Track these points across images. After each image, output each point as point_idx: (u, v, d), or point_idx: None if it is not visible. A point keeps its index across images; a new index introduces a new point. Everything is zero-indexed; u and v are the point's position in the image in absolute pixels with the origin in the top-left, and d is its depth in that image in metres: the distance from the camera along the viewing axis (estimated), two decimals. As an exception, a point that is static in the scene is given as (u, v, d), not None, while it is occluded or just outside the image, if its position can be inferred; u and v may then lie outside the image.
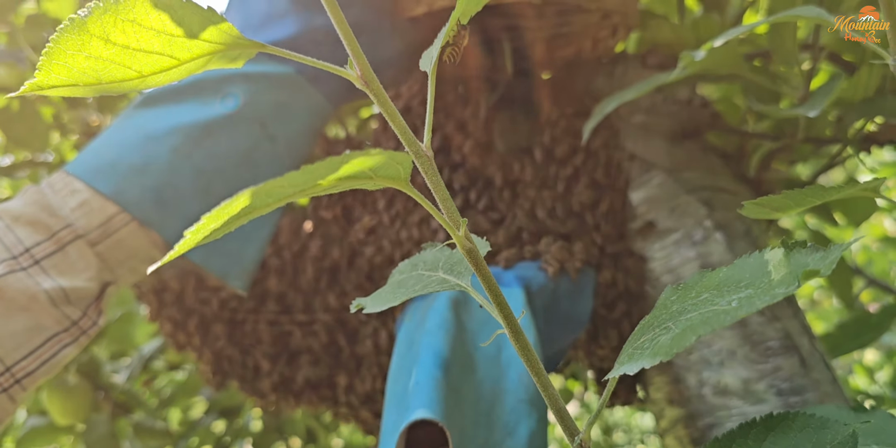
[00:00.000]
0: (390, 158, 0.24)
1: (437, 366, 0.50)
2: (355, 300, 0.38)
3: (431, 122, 0.29)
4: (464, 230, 0.29)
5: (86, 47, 0.28)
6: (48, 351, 0.53)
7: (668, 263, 0.68)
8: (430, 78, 0.31)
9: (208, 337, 0.80)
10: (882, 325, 0.79)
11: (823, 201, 0.41)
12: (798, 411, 0.36)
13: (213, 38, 0.29)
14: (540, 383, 0.31)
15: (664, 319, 0.29)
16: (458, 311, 0.57)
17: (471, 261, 0.30)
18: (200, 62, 0.31)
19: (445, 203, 0.29)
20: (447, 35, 0.32)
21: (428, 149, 0.28)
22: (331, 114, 0.64)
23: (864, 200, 0.83)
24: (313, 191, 0.24)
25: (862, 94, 0.64)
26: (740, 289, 0.26)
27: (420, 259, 0.39)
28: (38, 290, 0.52)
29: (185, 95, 0.59)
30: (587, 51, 0.76)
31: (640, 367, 0.26)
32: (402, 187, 0.27)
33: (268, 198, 0.22)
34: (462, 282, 0.33)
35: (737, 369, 0.63)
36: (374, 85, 0.29)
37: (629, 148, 0.72)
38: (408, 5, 0.64)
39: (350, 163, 0.23)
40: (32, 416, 1.02)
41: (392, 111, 0.28)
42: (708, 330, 0.24)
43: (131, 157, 0.56)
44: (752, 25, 0.49)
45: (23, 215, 0.54)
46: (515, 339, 0.31)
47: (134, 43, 0.28)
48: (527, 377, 0.53)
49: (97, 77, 0.29)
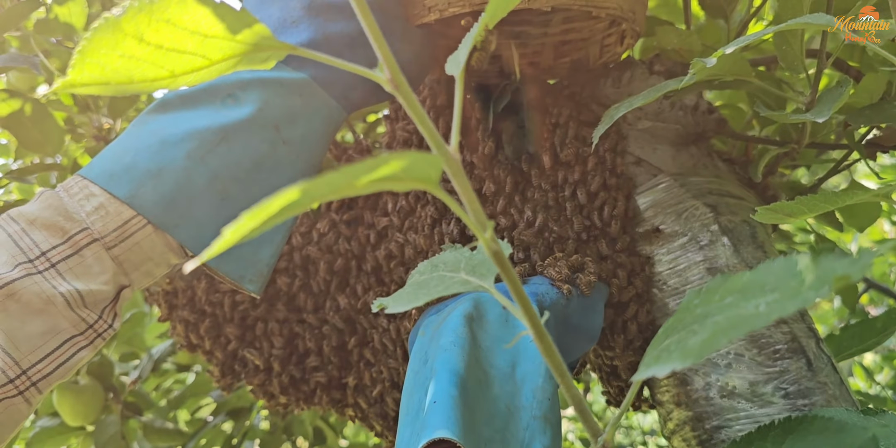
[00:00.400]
0: (422, 160, 0.25)
1: (454, 384, 0.50)
2: (376, 300, 0.38)
3: (459, 126, 0.29)
4: (490, 232, 0.29)
5: (119, 46, 0.28)
6: (64, 354, 0.53)
7: (675, 267, 0.69)
8: (458, 82, 0.31)
9: (219, 339, 0.81)
10: (887, 329, 0.79)
11: (836, 206, 0.42)
12: (815, 414, 0.37)
13: (245, 39, 0.30)
14: (564, 384, 0.31)
15: (689, 322, 0.29)
16: (473, 327, 0.57)
17: (497, 263, 0.30)
18: (231, 62, 0.31)
19: (472, 205, 0.29)
20: (475, 39, 0.33)
21: (455, 152, 0.29)
22: (344, 119, 0.65)
23: (869, 206, 0.84)
24: (349, 191, 0.24)
25: (867, 100, 0.65)
26: (766, 293, 0.26)
27: (440, 260, 0.39)
28: (54, 293, 0.52)
29: (199, 100, 0.59)
30: (594, 57, 0.77)
31: (669, 370, 0.26)
32: (432, 189, 0.27)
33: (307, 197, 0.23)
34: (484, 283, 0.34)
35: (744, 372, 0.64)
36: (403, 88, 0.29)
37: (636, 153, 0.73)
38: (419, 12, 0.65)
39: (387, 164, 0.23)
40: (43, 417, 1.03)
41: (421, 114, 0.28)
42: (739, 333, 0.25)
43: (146, 161, 0.56)
44: (761, 33, 0.50)
45: (39, 219, 0.54)
46: (539, 341, 0.31)
47: (167, 42, 0.29)
48: (541, 393, 0.54)
49: (129, 76, 0.29)
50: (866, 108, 0.63)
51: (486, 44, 0.61)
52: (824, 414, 0.38)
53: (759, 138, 0.79)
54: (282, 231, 0.62)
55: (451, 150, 0.29)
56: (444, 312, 0.61)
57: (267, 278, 0.62)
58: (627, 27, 0.70)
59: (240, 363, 0.82)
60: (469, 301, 0.60)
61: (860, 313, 1.35)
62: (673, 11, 0.94)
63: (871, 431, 0.33)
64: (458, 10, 0.63)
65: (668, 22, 0.83)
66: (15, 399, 0.51)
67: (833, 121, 0.72)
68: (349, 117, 0.94)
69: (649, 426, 2.29)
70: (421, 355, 0.58)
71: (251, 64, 0.31)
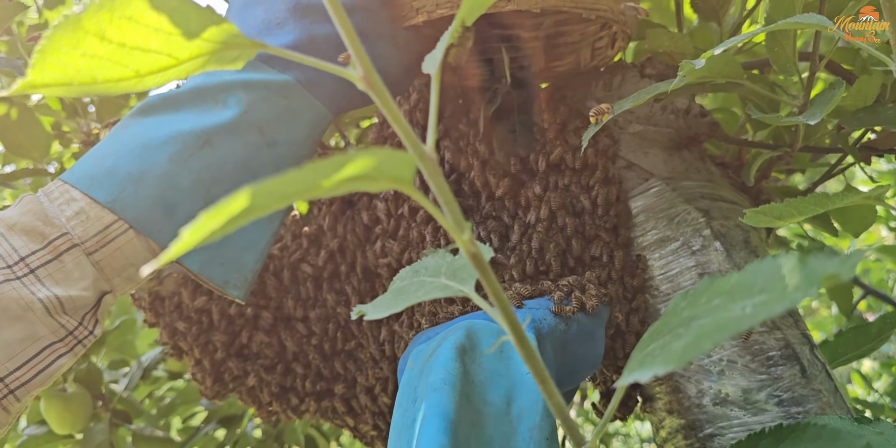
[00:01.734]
0: (394, 158, 0.24)
1: (443, 430, 0.47)
2: (356, 307, 0.37)
3: (436, 124, 0.29)
4: (468, 234, 0.28)
5: (81, 45, 0.27)
6: (43, 361, 0.52)
7: (667, 273, 0.68)
8: (434, 80, 0.30)
9: (207, 347, 0.80)
10: (882, 334, 0.78)
11: (825, 210, 0.41)
12: (808, 422, 0.36)
13: (213, 37, 0.29)
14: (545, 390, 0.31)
15: (674, 326, 0.28)
16: (465, 360, 0.53)
17: (476, 265, 0.29)
18: (200, 62, 0.30)
19: (449, 206, 0.28)
20: (452, 36, 0.32)
21: (432, 151, 0.28)
22: (330, 121, 0.64)
23: (864, 210, 0.83)
24: (316, 192, 0.23)
25: (861, 103, 0.64)
26: (753, 294, 0.26)
27: (422, 265, 0.38)
28: (32, 300, 0.51)
29: (182, 103, 0.59)
30: (585, 60, 0.76)
31: (651, 375, 0.25)
32: (406, 189, 0.26)
33: (268, 197, 0.21)
34: (465, 287, 0.33)
35: (737, 379, 0.63)
36: (377, 87, 0.28)
37: (627, 157, 0.72)
38: (406, 14, 0.64)
39: (354, 161, 0.22)
40: (31, 426, 1.02)
41: (395, 113, 0.28)
42: (724, 336, 0.24)
43: (128, 165, 0.56)
44: (752, 33, 0.49)
45: (18, 224, 0.53)
46: (521, 347, 0.30)
47: (131, 41, 0.28)
48: (538, 433, 0.51)
49: (92, 76, 0.28)
50: (860, 111, 0.62)
51: (464, 40, 0.60)
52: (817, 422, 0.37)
53: (752, 142, 0.78)
54: (266, 236, 0.62)
55: (428, 149, 0.28)
56: (434, 341, 0.58)
57: (252, 284, 0.62)
58: (618, 30, 0.69)
59: (228, 373, 0.81)
60: (461, 330, 0.56)
61: (858, 320, 1.34)
62: (665, 14, 0.93)
63: (865, 439, 0.33)
64: (446, 11, 0.63)
65: (660, 25, 0.82)
66: (-8, 407, 0.50)
67: (827, 124, 0.72)
68: (341, 123, 0.93)
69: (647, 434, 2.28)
70: (409, 391, 0.54)
71: (220, 63, 0.30)
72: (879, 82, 0.63)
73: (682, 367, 0.65)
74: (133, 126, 0.58)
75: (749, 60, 0.80)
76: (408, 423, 0.51)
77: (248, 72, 0.60)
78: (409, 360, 0.59)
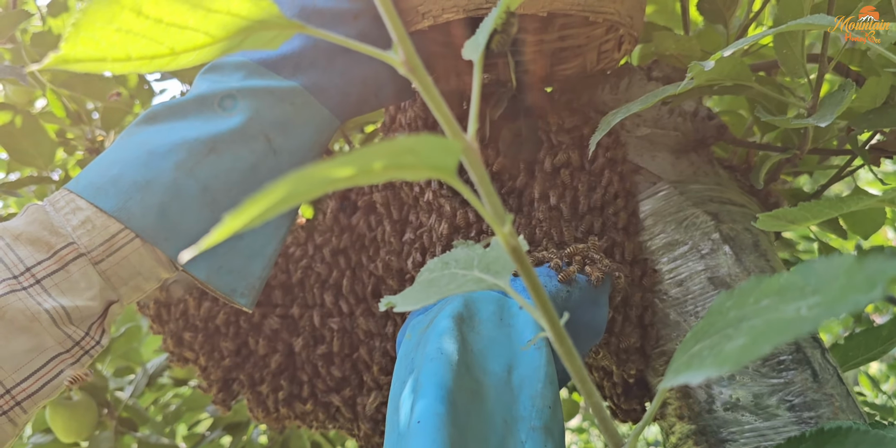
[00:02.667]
0: (438, 145, 0.23)
1: (440, 399, 0.45)
2: (384, 298, 0.36)
3: (477, 111, 0.27)
4: (509, 226, 0.27)
5: (116, 19, 0.26)
6: (50, 372, 0.52)
7: (676, 277, 0.68)
8: (477, 66, 0.29)
9: (214, 354, 0.80)
10: (892, 337, 0.78)
11: (840, 213, 0.40)
12: (851, 426, 0.35)
13: (252, 15, 0.28)
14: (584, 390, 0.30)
15: (721, 326, 0.27)
16: (463, 329, 0.52)
17: (515, 259, 0.28)
18: (235, 41, 0.29)
19: (490, 198, 0.27)
20: (496, 22, 0.31)
21: (473, 140, 0.27)
22: (336, 127, 0.63)
23: (874, 212, 0.83)
24: (360, 178, 0.22)
25: (870, 104, 0.63)
26: (806, 295, 0.25)
27: (451, 257, 0.37)
28: (39, 310, 0.51)
29: (188, 111, 0.58)
30: (592, 63, 0.76)
31: (703, 377, 0.24)
32: (449, 179, 0.25)
33: (311, 183, 0.21)
34: (499, 281, 0.32)
35: (748, 384, 0.62)
36: (418, 71, 0.27)
37: (634, 160, 0.71)
38: (412, 19, 0.64)
39: (399, 147, 0.21)
40: (36, 434, 1.01)
41: (437, 99, 0.27)
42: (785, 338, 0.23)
43: (134, 173, 0.55)
44: (761, 35, 0.49)
45: (24, 234, 0.53)
46: (559, 343, 0.29)
47: (168, 17, 0.27)
48: (540, 400, 0.49)
49: (126, 52, 0.28)
50: (869, 113, 0.62)
51: (508, 26, 0.58)
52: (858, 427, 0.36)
53: (760, 145, 0.77)
54: (273, 243, 0.61)
55: (469, 139, 0.27)
56: (431, 312, 0.56)
57: (259, 292, 0.61)
58: (625, 33, 0.69)
59: (235, 380, 0.81)
60: (459, 299, 0.55)
61: (865, 322, 1.33)
62: (671, 17, 0.93)
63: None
64: (452, 16, 0.62)
65: (666, 28, 0.82)
66: (-1, 419, 0.50)
67: (835, 126, 0.71)
68: (345, 127, 0.93)
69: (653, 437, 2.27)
70: (406, 363, 0.53)
71: (256, 44, 0.29)
72: (889, 84, 0.62)
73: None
74: (138, 134, 0.57)
75: (756, 62, 0.80)
76: (405, 393, 0.50)
77: (254, 78, 0.60)
78: (406, 332, 0.58)
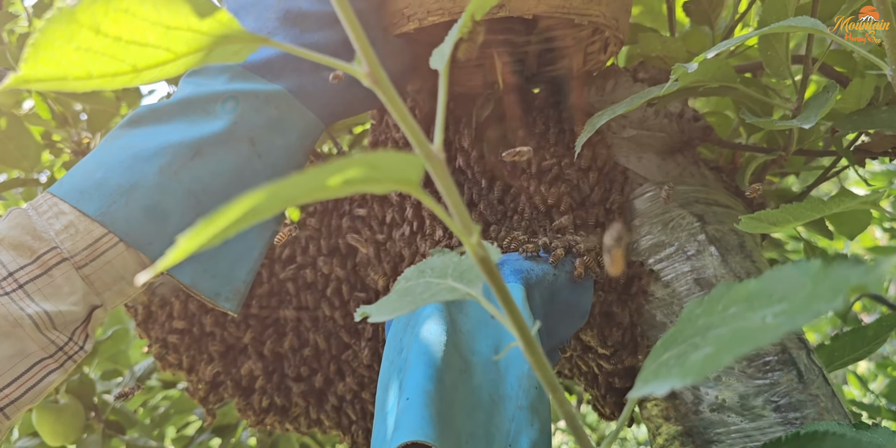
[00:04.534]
0: (399, 160, 0.23)
1: (429, 377, 0.47)
2: (360, 308, 0.36)
3: (443, 124, 0.28)
4: (476, 237, 0.27)
5: (75, 38, 0.26)
6: (33, 378, 0.52)
7: (662, 278, 0.68)
8: (442, 76, 0.29)
9: (200, 357, 0.80)
10: (878, 337, 0.78)
11: (822, 215, 0.40)
12: (827, 430, 0.35)
13: (213, 30, 0.28)
14: (556, 398, 0.30)
15: (690, 334, 0.27)
16: (451, 310, 0.53)
17: (483, 269, 0.28)
18: (199, 56, 0.29)
19: (457, 208, 0.27)
20: (461, 31, 0.31)
21: (439, 150, 0.27)
22: (321, 130, 0.63)
23: (860, 213, 0.83)
24: (320, 194, 0.22)
25: (855, 106, 0.64)
26: (773, 303, 0.25)
27: (427, 265, 0.37)
28: (21, 316, 0.51)
29: (172, 114, 0.58)
30: (578, 65, 0.76)
31: (668, 388, 0.24)
32: (413, 191, 0.25)
33: (273, 200, 0.21)
34: (472, 290, 0.32)
35: (734, 385, 0.62)
36: (382, 83, 0.27)
37: (620, 162, 0.72)
38: (398, 21, 0.64)
39: (358, 164, 0.21)
40: (22, 438, 1.01)
41: (401, 110, 0.27)
42: (745, 349, 0.23)
43: (118, 177, 0.55)
44: (745, 37, 0.49)
45: (6, 238, 0.53)
46: (530, 354, 0.29)
47: (127, 34, 0.27)
48: (527, 381, 0.50)
49: (87, 70, 0.27)
50: (854, 114, 0.62)
51: (474, 35, 0.59)
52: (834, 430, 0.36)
53: (746, 146, 0.78)
54: (258, 248, 0.61)
55: (435, 149, 0.27)
56: None
57: (244, 296, 0.61)
58: (611, 35, 0.69)
59: (222, 384, 0.81)
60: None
61: (853, 321, 1.33)
62: (657, 18, 0.93)
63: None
64: (437, 18, 0.62)
65: (652, 29, 0.82)
66: (-20, 424, 0.49)
67: (821, 127, 0.71)
68: (333, 129, 0.93)
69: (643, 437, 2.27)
70: (395, 343, 0.54)
71: (221, 57, 0.29)
72: (873, 85, 0.62)
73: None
74: (122, 137, 0.57)
75: (742, 64, 0.80)
76: (395, 373, 0.51)
77: (239, 82, 0.60)
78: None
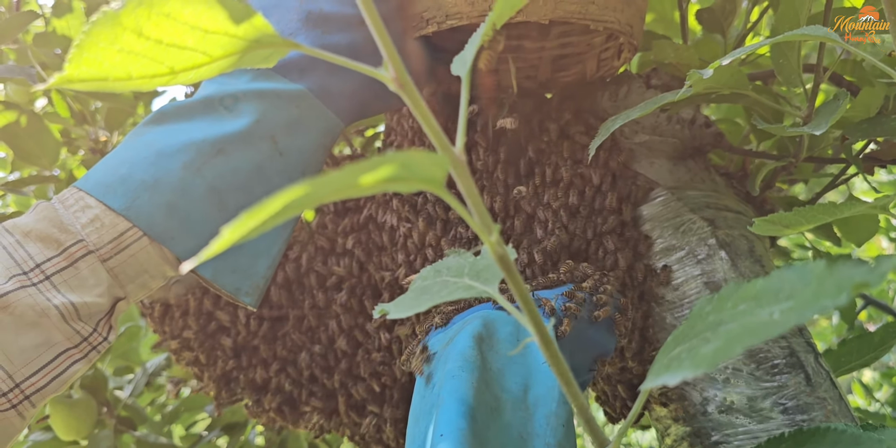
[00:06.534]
0: (426, 159, 0.24)
1: (462, 414, 0.47)
2: (378, 306, 0.37)
3: (465, 126, 0.29)
4: (496, 235, 0.28)
5: (118, 41, 0.27)
6: (58, 367, 0.53)
7: (673, 281, 0.69)
8: (465, 82, 0.30)
9: (215, 354, 0.81)
10: (884, 344, 0.79)
11: (833, 218, 0.41)
12: (827, 427, 0.36)
13: (247, 35, 0.29)
14: (569, 392, 0.31)
15: (700, 330, 0.28)
16: (482, 348, 0.54)
17: (502, 267, 0.29)
18: (232, 59, 0.30)
19: (477, 208, 0.28)
20: (482, 39, 0.32)
21: (461, 153, 0.28)
22: (341, 130, 0.65)
23: (867, 220, 0.84)
24: (352, 191, 0.23)
25: (864, 114, 0.65)
26: (780, 300, 0.26)
27: (444, 265, 0.38)
28: (48, 306, 0.52)
29: (195, 112, 0.59)
30: (591, 71, 0.77)
31: (680, 378, 0.25)
32: (438, 190, 0.26)
33: (311, 196, 0.22)
34: (489, 288, 0.33)
35: (742, 387, 0.63)
36: (408, 87, 0.28)
37: (633, 166, 0.73)
38: (417, 24, 0.65)
39: (391, 163, 0.23)
40: (35, 431, 1.02)
41: (425, 113, 0.28)
42: (754, 341, 0.24)
43: (142, 172, 0.56)
44: (758, 45, 0.50)
45: (34, 231, 0.54)
46: (545, 348, 0.30)
47: (167, 37, 0.28)
48: (555, 419, 0.51)
49: (128, 72, 0.29)
50: (863, 122, 0.63)
51: (494, 43, 0.60)
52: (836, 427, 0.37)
53: (756, 152, 0.79)
54: (278, 244, 0.62)
55: (458, 151, 0.28)
56: (451, 330, 0.59)
57: (263, 291, 0.62)
58: (625, 41, 0.70)
59: (235, 380, 0.81)
60: (478, 319, 0.57)
61: (859, 330, 1.34)
62: (670, 26, 0.94)
63: (885, 444, 0.33)
64: (456, 22, 0.63)
65: (665, 36, 0.83)
66: (8, 413, 0.50)
67: (830, 135, 0.72)
68: (347, 131, 0.94)
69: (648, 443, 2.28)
70: (426, 378, 0.55)
71: (252, 62, 0.30)
72: (883, 94, 0.63)
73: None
74: (147, 134, 0.58)
75: (753, 72, 0.81)
76: (426, 409, 0.52)
77: (261, 81, 0.61)
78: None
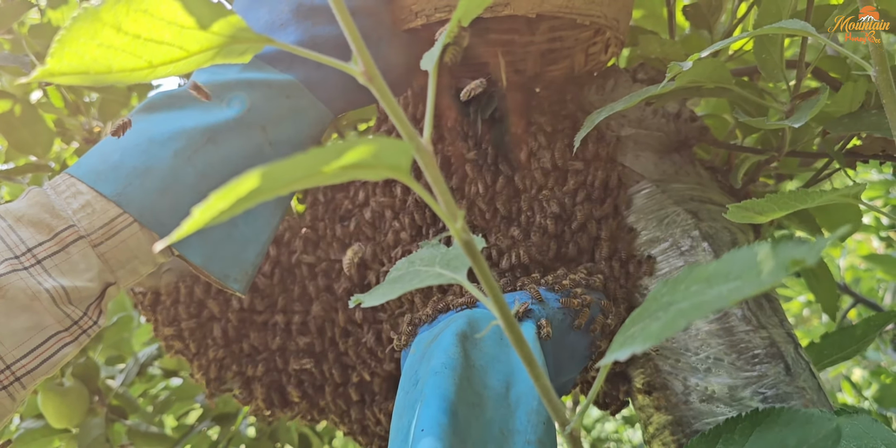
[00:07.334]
0: (392, 146, 0.25)
1: (443, 410, 0.48)
2: (353, 296, 0.39)
3: (432, 117, 0.30)
4: (461, 222, 0.29)
5: (98, 36, 0.29)
6: (49, 349, 0.54)
7: (657, 272, 0.70)
8: (431, 76, 0.32)
9: (206, 342, 0.81)
10: (866, 336, 0.80)
11: (805, 205, 0.42)
12: (783, 407, 0.37)
13: (223, 30, 0.30)
14: (532, 373, 0.32)
15: (654, 310, 0.30)
16: (466, 346, 0.55)
17: (467, 252, 0.30)
18: (209, 54, 0.31)
19: (443, 196, 0.29)
20: (448, 36, 0.33)
21: (428, 143, 0.29)
22: (330, 121, 0.65)
23: (849, 213, 0.85)
24: (317, 178, 0.24)
25: (846, 109, 0.66)
26: (729, 281, 0.27)
27: (417, 256, 0.40)
28: (39, 290, 0.53)
29: (186, 101, 0.60)
30: (579, 65, 0.78)
31: (630, 353, 0.27)
32: (403, 178, 0.27)
33: (275, 181, 0.23)
34: (458, 276, 0.34)
35: (723, 376, 0.64)
36: (376, 81, 0.29)
37: (619, 159, 0.74)
38: (406, 17, 0.66)
39: (354, 148, 0.23)
40: (27, 419, 1.03)
41: (393, 106, 0.29)
42: (698, 315, 0.25)
43: (134, 160, 0.57)
44: (738, 37, 0.51)
45: (26, 216, 0.55)
46: (509, 331, 0.31)
47: (145, 33, 0.29)
48: (535, 416, 0.52)
49: (108, 66, 0.30)
50: (844, 117, 0.64)
51: (460, 39, 0.62)
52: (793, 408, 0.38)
53: (740, 147, 0.80)
54: (267, 231, 0.63)
55: (424, 140, 0.29)
56: (436, 328, 0.60)
57: (252, 278, 0.63)
58: (612, 36, 0.71)
59: (225, 368, 0.82)
60: (463, 318, 0.58)
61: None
62: (658, 22, 0.95)
63: (835, 422, 0.34)
64: (444, 15, 0.64)
65: (652, 32, 0.84)
66: (-1, 394, 0.51)
67: (815, 130, 0.73)
68: (339, 125, 0.95)
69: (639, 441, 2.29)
70: (411, 375, 0.56)
71: (228, 57, 0.32)
72: (864, 89, 0.64)
73: (668, 365, 0.67)
74: (138, 122, 0.59)
75: (739, 67, 0.82)
76: (409, 404, 0.53)
77: (252, 71, 0.62)
78: (411, 348, 0.61)
